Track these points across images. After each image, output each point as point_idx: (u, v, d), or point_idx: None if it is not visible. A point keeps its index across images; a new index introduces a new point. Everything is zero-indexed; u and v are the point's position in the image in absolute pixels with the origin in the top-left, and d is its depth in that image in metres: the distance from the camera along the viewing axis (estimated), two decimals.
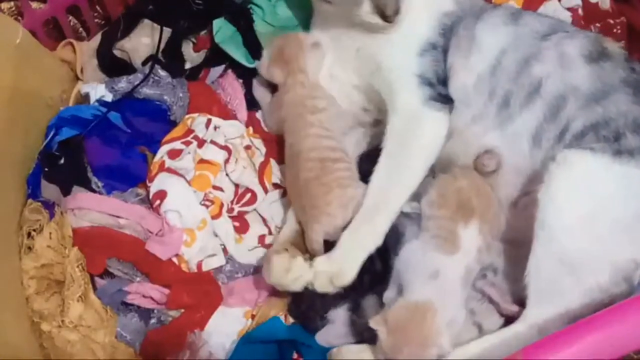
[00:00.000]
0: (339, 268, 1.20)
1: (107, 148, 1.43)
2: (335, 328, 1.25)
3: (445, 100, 1.28)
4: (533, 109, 1.23)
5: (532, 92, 1.24)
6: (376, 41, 1.33)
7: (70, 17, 1.63)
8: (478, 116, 1.28)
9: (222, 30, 1.50)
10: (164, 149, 1.43)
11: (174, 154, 1.41)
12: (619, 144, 1.15)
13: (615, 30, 1.54)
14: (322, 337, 1.25)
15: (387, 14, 1.25)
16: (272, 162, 1.45)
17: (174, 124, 1.48)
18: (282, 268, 1.22)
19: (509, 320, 1.22)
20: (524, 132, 1.24)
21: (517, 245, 1.25)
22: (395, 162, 1.26)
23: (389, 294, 1.20)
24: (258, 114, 1.51)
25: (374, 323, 1.12)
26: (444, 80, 1.30)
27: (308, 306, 1.26)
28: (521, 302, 1.19)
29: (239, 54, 1.50)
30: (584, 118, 1.19)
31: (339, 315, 1.26)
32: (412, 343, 1.10)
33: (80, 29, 1.65)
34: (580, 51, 1.24)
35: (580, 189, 1.13)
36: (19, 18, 1.50)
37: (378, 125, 1.40)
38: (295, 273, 1.22)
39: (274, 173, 1.44)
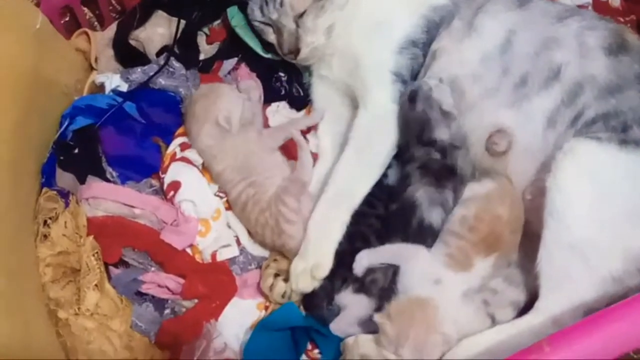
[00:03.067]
0: (315, 261, 1.24)
1: (122, 138, 1.44)
2: (348, 315, 1.24)
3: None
4: (551, 92, 1.25)
5: (551, 76, 1.25)
6: (356, 37, 1.36)
7: (85, 9, 1.64)
8: (491, 90, 1.30)
9: (236, 18, 1.50)
10: (176, 142, 1.43)
11: (186, 146, 1.42)
12: (625, 134, 1.17)
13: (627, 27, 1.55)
14: (336, 326, 1.24)
15: (282, 52, 1.34)
16: None
17: None
18: (267, 286, 1.29)
19: (522, 311, 1.23)
20: (539, 112, 1.25)
21: (528, 237, 1.25)
22: (360, 155, 1.31)
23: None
24: (268, 109, 1.51)
25: (378, 317, 1.14)
26: (417, 74, 1.34)
27: (313, 294, 1.26)
28: (535, 293, 1.18)
29: (253, 43, 1.50)
30: (597, 107, 1.21)
31: (348, 299, 1.25)
32: (418, 326, 1.12)
33: (96, 22, 1.66)
34: (601, 43, 1.25)
35: (588, 177, 1.15)
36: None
37: None
38: (277, 290, 1.29)
39: None
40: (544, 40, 1.28)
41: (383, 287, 1.23)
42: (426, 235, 1.23)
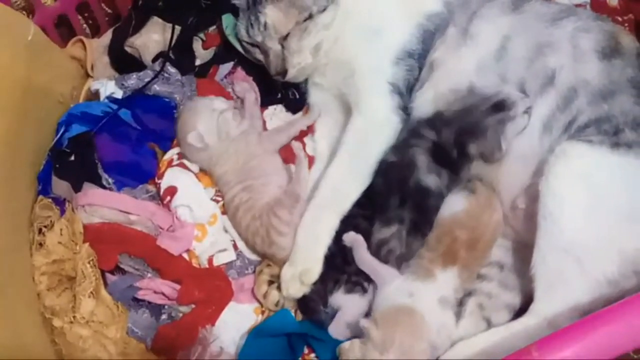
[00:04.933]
0: (303, 268, 1.24)
1: (117, 144, 1.44)
2: (343, 316, 1.24)
3: (406, 111, 1.33)
4: (547, 97, 1.24)
5: (546, 82, 1.24)
6: (351, 46, 1.35)
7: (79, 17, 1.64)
8: None
9: (230, 27, 1.50)
10: (175, 150, 1.44)
11: (183, 155, 1.42)
12: (617, 137, 1.17)
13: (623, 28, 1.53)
14: (334, 329, 1.24)
15: (271, 73, 1.35)
16: None
17: None
18: (261, 294, 1.30)
19: (517, 314, 1.24)
20: (536, 118, 1.25)
21: (523, 243, 1.26)
22: (352, 161, 1.31)
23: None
24: (265, 113, 1.51)
25: (365, 323, 1.14)
26: (412, 88, 1.34)
27: (309, 299, 1.27)
28: (530, 297, 1.19)
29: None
30: (590, 112, 1.20)
31: (341, 300, 1.25)
32: (404, 332, 1.12)
33: (85, 25, 1.67)
34: (595, 46, 1.24)
35: (580, 180, 1.15)
36: (24, 13, 1.50)
37: None
38: (270, 299, 1.29)
39: None
40: (538, 45, 1.27)
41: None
42: (423, 196, 1.25)
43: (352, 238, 1.25)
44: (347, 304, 1.24)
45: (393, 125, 1.32)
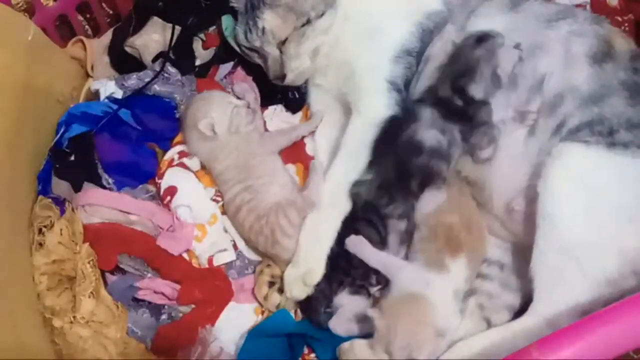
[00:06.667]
0: (307, 269, 1.24)
1: (118, 144, 1.44)
2: (345, 311, 1.24)
3: (405, 106, 1.32)
4: (532, 102, 1.24)
5: (535, 85, 1.24)
6: (350, 46, 1.35)
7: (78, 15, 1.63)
8: None
9: (231, 27, 1.50)
10: (176, 149, 1.44)
11: (185, 155, 1.42)
12: (612, 137, 1.16)
13: (623, 28, 1.53)
14: (335, 324, 1.24)
15: (270, 77, 1.35)
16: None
17: None
18: (262, 295, 1.30)
19: (517, 314, 1.24)
20: None
21: (521, 244, 1.26)
22: (353, 162, 1.30)
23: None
24: (264, 113, 1.51)
25: (371, 312, 1.14)
26: (409, 83, 1.34)
27: (311, 298, 1.26)
28: (531, 298, 1.18)
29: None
30: (580, 116, 1.20)
31: (345, 300, 1.25)
32: (406, 321, 1.13)
33: (87, 26, 1.66)
34: (587, 51, 1.24)
35: (577, 179, 1.15)
36: (26, 14, 1.49)
37: None
38: (271, 301, 1.29)
39: None
40: (530, 46, 1.26)
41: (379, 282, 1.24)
42: (412, 153, 1.22)
43: (355, 240, 1.24)
44: (349, 303, 1.24)
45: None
